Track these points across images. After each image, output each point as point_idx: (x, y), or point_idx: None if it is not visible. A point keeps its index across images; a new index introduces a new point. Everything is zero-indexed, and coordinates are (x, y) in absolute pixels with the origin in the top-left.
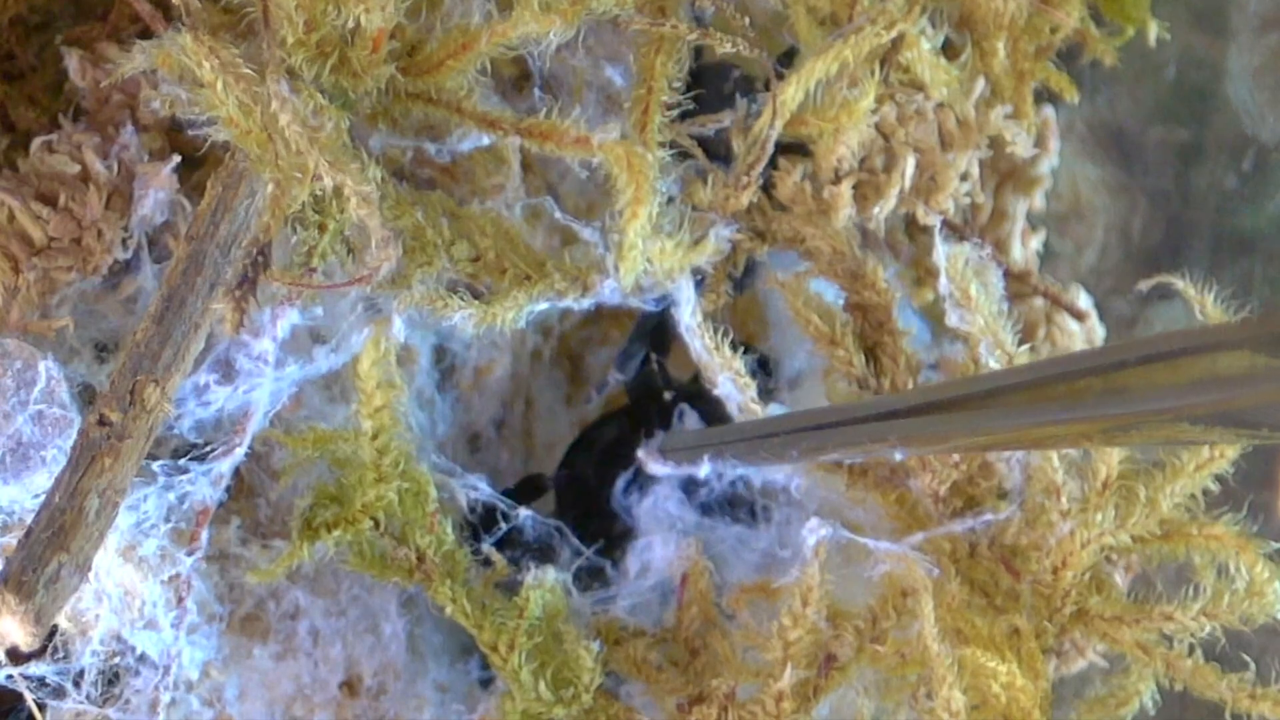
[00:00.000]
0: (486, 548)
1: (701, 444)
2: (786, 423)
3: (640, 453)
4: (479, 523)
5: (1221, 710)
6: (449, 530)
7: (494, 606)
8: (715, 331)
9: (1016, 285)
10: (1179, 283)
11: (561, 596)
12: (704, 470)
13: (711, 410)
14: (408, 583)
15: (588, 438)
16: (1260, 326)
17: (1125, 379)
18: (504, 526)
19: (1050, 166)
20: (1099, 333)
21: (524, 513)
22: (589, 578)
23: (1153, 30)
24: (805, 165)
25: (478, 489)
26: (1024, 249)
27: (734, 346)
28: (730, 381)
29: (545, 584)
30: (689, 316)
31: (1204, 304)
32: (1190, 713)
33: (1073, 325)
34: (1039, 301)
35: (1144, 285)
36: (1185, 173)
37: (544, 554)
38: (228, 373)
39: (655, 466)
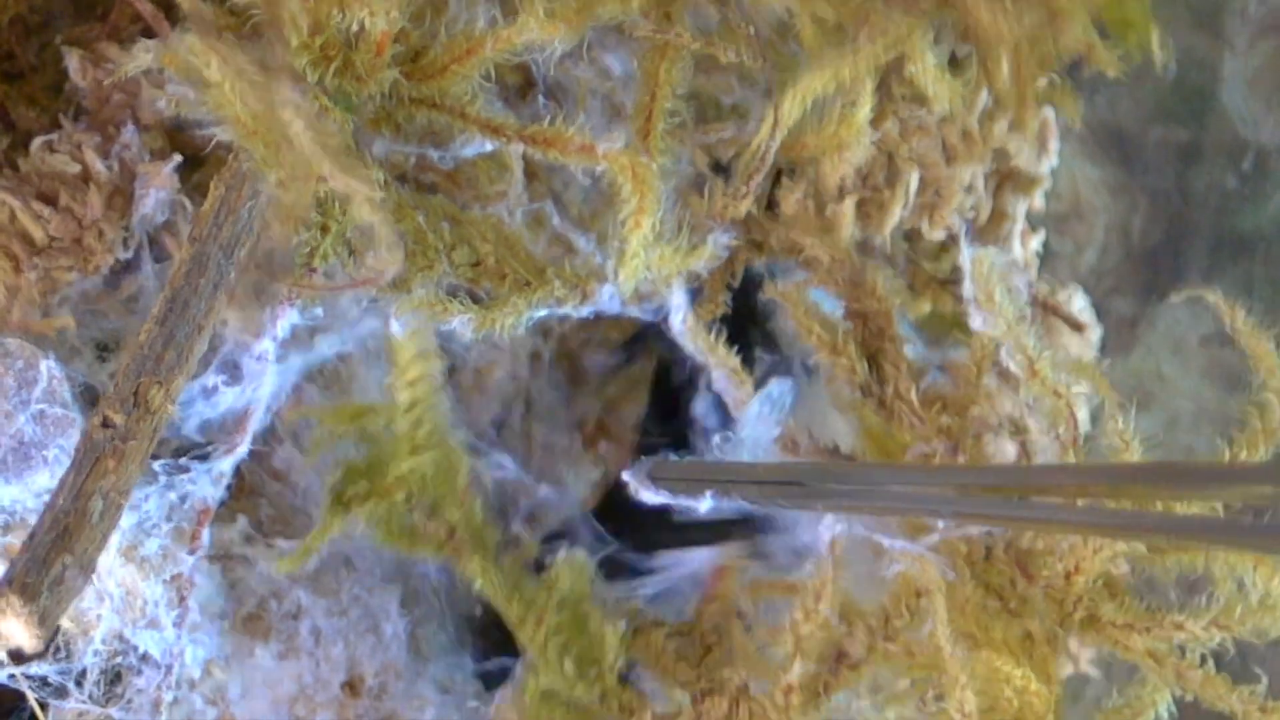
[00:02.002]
0: (516, 527)
1: (704, 477)
2: (814, 474)
3: (626, 475)
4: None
5: None
6: (478, 507)
7: (524, 581)
8: (709, 331)
9: None
10: (1210, 296)
11: (588, 578)
12: (705, 505)
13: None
14: (438, 556)
15: None
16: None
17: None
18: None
19: (1050, 167)
20: (1095, 333)
21: (544, 491)
22: (615, 568)
23: (1155, 39)
24: (808, 183)
25: (505, 468)
26: (1024, 249)
27: (729, 343)
28: (725, 379)
29: (575, 562)
30: (680, 322)
31: (1234, 318)
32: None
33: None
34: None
35: (1176, 298)
36: (1185, 173)
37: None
38: (235, 374)
39: (646, 494)
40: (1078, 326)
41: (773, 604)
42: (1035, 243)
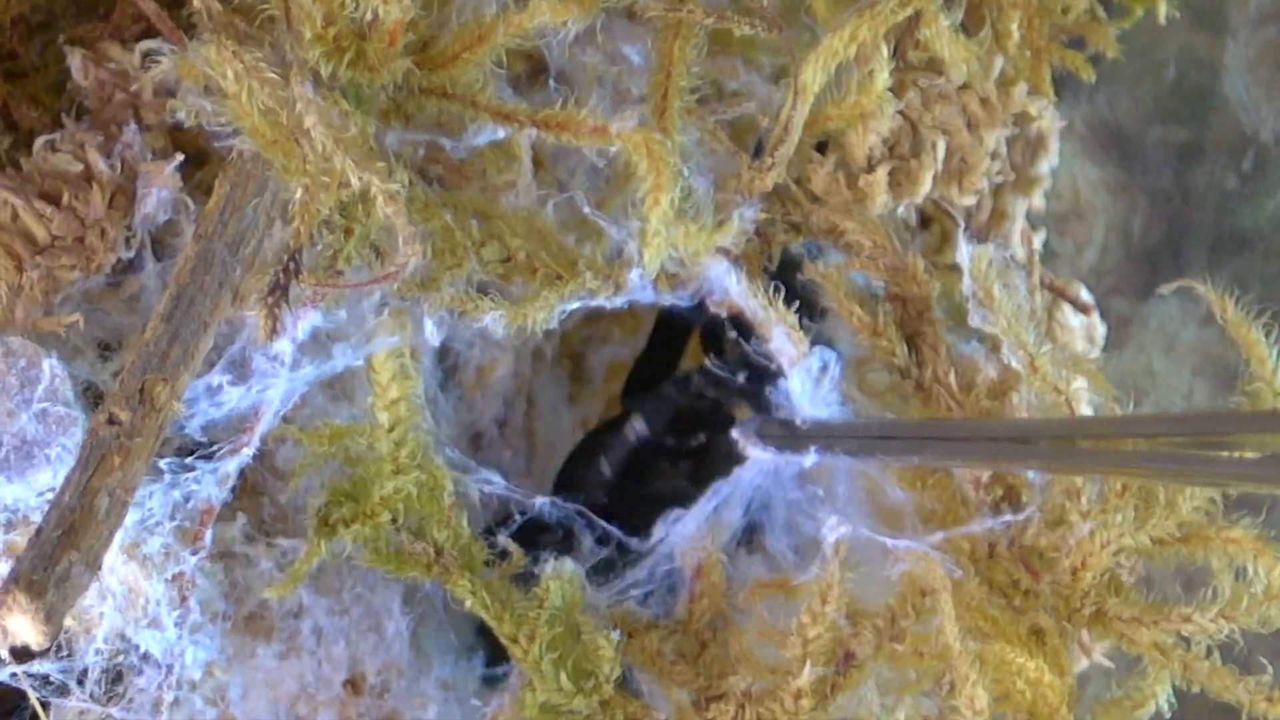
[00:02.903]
0: (503, 539)
1: (810, 435)
2: (911, 429)
3: (735, 433)
4: (493, 519)
5: (1237, 713)
6: (465, 524)
7: (514, 598)
8: (767, 289)
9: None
10: (1200, 287)
11: (579, 588)
12: (809, 461)
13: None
14: (425, 577)
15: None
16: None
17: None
18: (518, 519)
19: (1050, 166)
20: (1100, 329)
21: (540, 500)
22: (605, 569)
23: (1162, 9)
24: (837, 156)
25: (492, 483)
26: (1024, 249)
27: (788, 301)
28: (785, 335)
29: (564, 574)
30: (736, 283)
31: (1224, 308)
32: (1190, 712)
33: (1073, 321)
34: (1040, 298)
35: (1165, 289)
36: (1185, 173)
37: (564, 545)
38: (242, 373)
39: (754, 451)
40: (1084, 309)
41: (767, 600)
42: (1035, 242)
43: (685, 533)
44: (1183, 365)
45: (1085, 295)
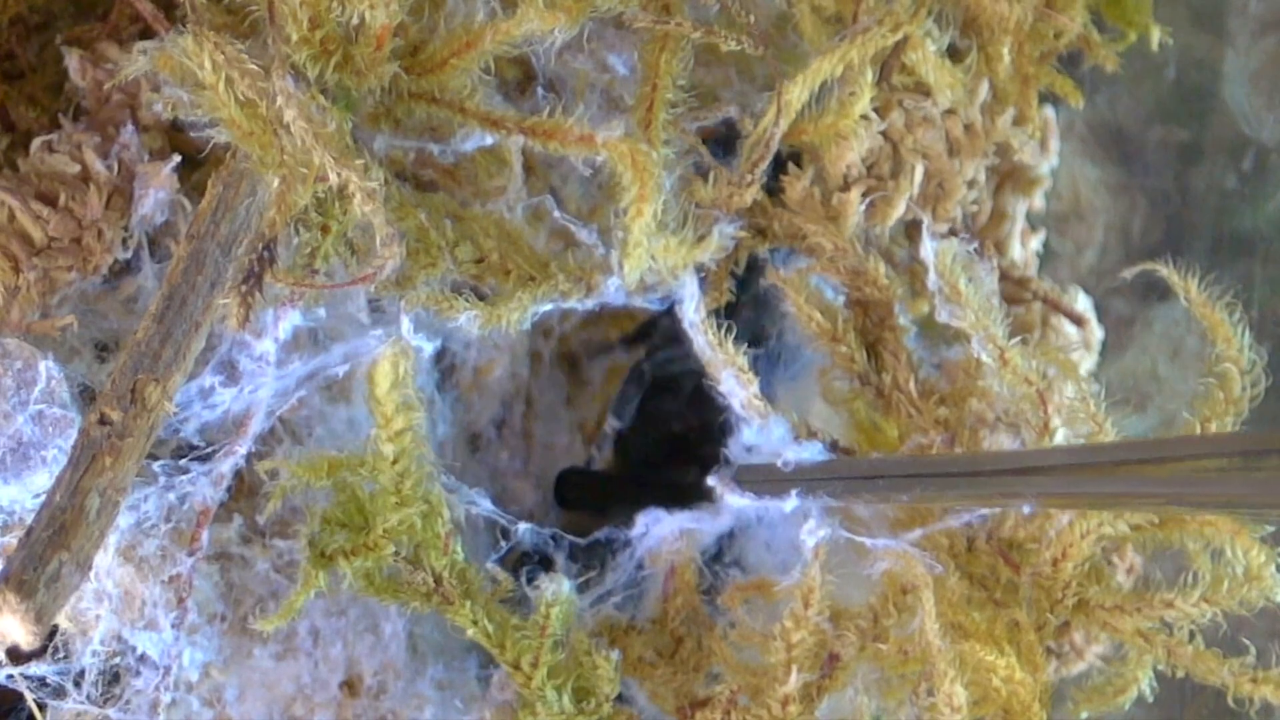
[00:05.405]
0: (491, 566)
1: (790, 478)
2: (897, 466)
3: (711, 480)
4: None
5: (1237, 713)
6: (460, 549)
7: (514, 624)
8: (719, 327)
9: (1016, 289)
10: (1163, 269)
11: (575, 607)
12: (790, 505)
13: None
14: (425, 607)
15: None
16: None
17: None
18: (504, 545)
19: (1050, 167)
20: (1097, 337)
21: (523, 526)
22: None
23: (1155, 35)
24: (814, 171)
25: (478, 504)
26: (1024, 249)
27: (737, 342)
28: (733, 378)
29: (562, 597)
30: (693, 312)
31: (1189, 289)
32: (1191, 713)
33: (1070, 330)
34: (1038, 305)
35: (1127, 273)
36: (1185, 173)
37: (545, 563)
38: (232, 374)
39: (732, 497)
40: (1079, 321)
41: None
42: (1035, 243)
43: (660, 535)
44: (1188, 371)
45: (1083, 301)
